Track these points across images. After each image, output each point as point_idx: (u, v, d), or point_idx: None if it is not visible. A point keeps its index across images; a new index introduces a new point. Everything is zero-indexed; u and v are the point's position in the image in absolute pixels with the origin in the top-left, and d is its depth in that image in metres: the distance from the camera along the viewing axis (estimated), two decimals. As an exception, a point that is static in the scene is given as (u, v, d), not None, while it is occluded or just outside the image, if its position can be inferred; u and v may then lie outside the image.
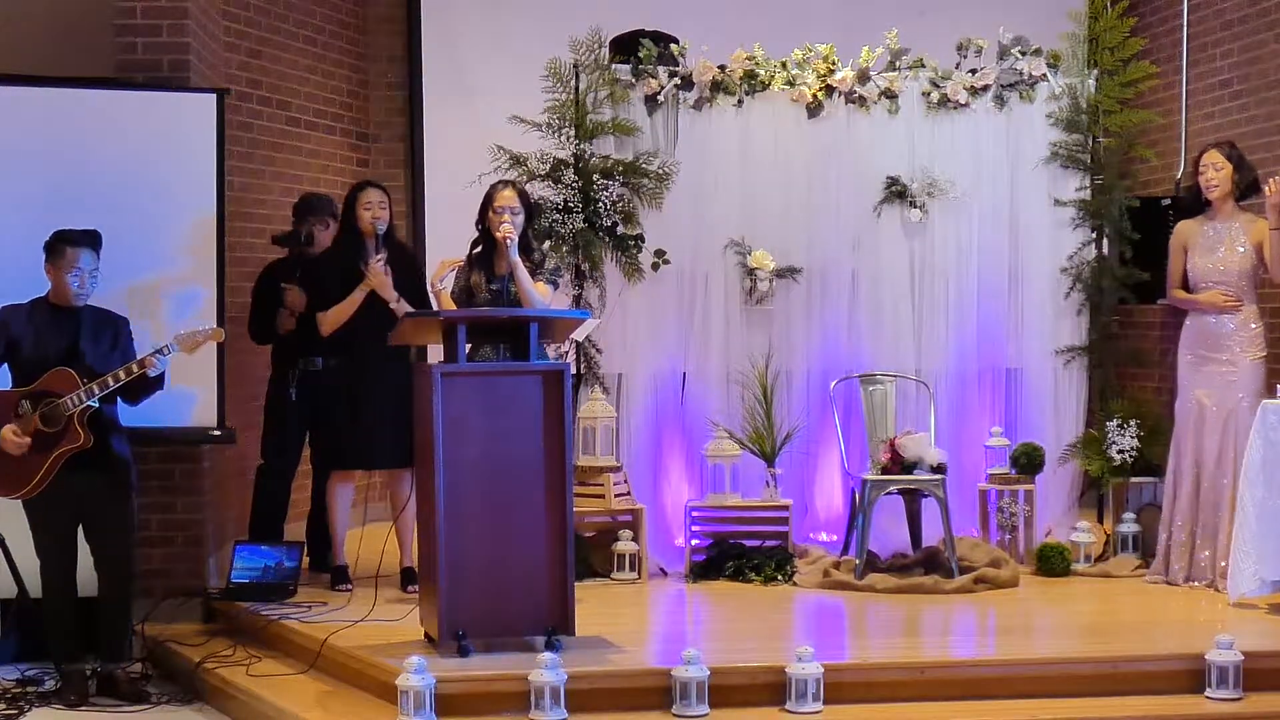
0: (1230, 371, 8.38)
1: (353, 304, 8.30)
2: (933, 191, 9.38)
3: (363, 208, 8.41)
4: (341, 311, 8.32)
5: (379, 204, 8.43)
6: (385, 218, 8.43)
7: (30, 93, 8.51)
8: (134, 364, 7.32)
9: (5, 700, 7.58)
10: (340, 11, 10.96)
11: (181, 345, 7.44)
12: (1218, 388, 8.41)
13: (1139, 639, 7.41)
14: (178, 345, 7.42)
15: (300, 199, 9.19)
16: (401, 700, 6.43)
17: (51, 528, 7.55)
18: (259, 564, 8.51)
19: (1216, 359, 8.43)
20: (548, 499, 7.10)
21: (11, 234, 8.19)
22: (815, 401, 9.42)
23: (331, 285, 8.42)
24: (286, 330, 8.88)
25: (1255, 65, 9.86)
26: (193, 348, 7.54)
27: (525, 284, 7.81)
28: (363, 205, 8.42)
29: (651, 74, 9.24)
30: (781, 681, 6.67)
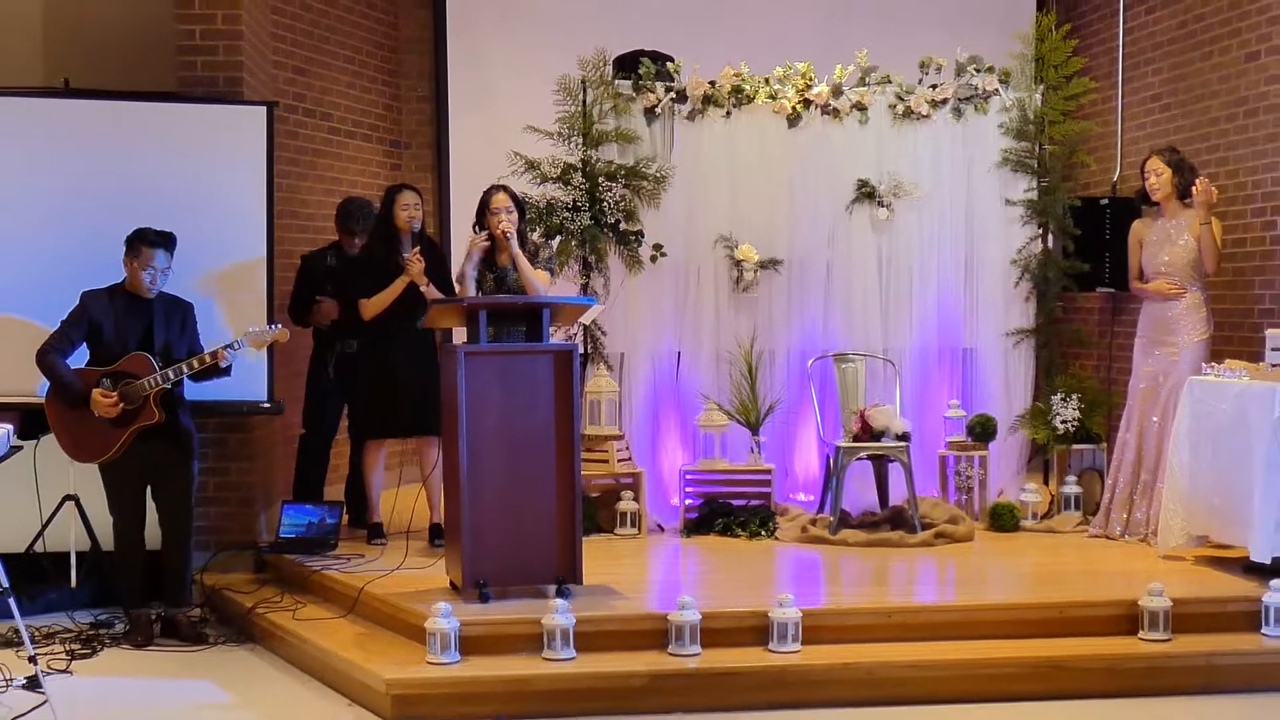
0: (1174, 352, 8.36)
1: (394, 293, 8.27)
2: (898, 192, 9.32)
3: (400, 208, 8.42)
4: (383, 299, 8.29)
5: (414, 205, 8.46)
6: (419, 217, 8.47)
7: (104, 105, 8.47)
8: (207, 355, 7.39)
9: (80, 641, 7.60)
10: (376, 34, 10.88)
11: (250, 342, 7.54)
12: (1164, 367, 8.39)
13: (1080, 587, 7.37)
14: (247, 342, 7.52)
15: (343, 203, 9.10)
16: (430, 641, 6.48)
17: (124, 489, 7.58)
18: (303, 521, 8.51)
19: (1165, 341, 8.41)
20: (558, 464, 7.09)
21: (88, 229, 8.20)
22: (794, 377, 9.38)
23: (371, 276, 8.37)
24: (320, 326, 8.89)
25: (1182, 81, 9.81)
26: (260, 346, 7.68)
27: (527, 272, 7.89)
28: (400, 206, 8.43)
29: (650, 89, 9.22)
30: (764, 625, 6.67)
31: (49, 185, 8.32)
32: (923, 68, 9.42)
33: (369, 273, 8.40)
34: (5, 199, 8.27)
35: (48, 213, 8.31)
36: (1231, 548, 7.65)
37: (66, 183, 8.33)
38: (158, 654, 7.44)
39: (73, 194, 8.32)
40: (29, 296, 8.18)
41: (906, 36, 10.16)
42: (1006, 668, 6.57)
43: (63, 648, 7.43)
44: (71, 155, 8.34)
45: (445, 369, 7.28)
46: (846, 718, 6.26)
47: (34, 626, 7.53)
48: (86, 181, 8.33)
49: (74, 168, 8.34)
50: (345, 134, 10.57)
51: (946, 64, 9.42)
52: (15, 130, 8.29)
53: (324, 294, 8.80)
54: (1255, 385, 7.37)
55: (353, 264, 8.69)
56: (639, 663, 6.48)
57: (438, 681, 6.35)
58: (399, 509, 8.70)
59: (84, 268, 7.85)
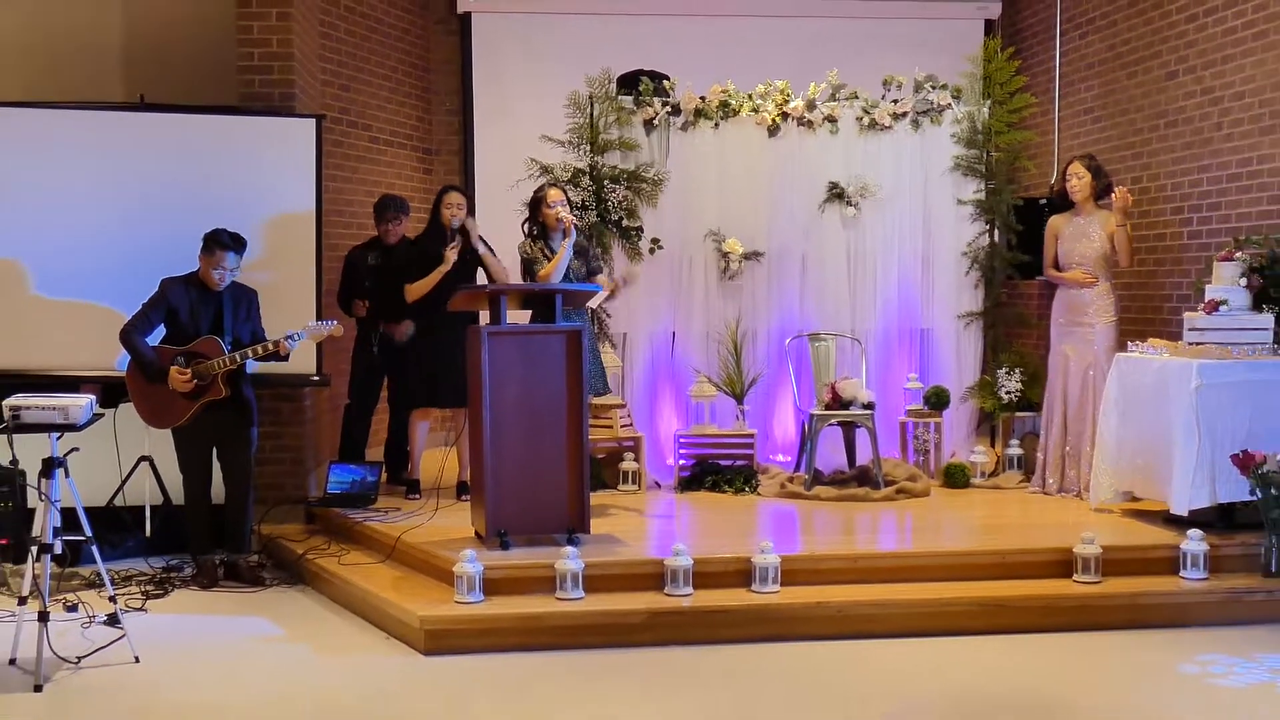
0: (1090, 332, 8.35)
1: (434, 280, 8.23)
2: (864, 193, 9.29)
3: (444, 206, 8.40)
4: (425, 285, 8.26)
5: (456, 205, 8.40)
6: (460, 215, 8.39)
7: (174, 118, 8.44)
8: (270, 343, 7.37)
9: (154, 583, 7.64)
10: (410, 55, 10.82)
11: (309, 334, 7.53)
12: (1080, 344, 8.37)
13: (1022, 536, 7.35)
14: (306, 334, 7.50)
15: (380, 199, 9.05)
16: (457, 583, 6.50)
17: (193, 451, 7.61)
18: (348, 479, 8.48)
19: (1080, 322, 8.40)
20: (569, 429, 7.06)
21: (160, 226, 8.18)
22: (774, 354, 9.35)
23: (417, 264, 8.36)
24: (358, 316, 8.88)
25: (1111, 97, 9.79)
26: (316, 339, 7.72)
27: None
28: (444, 205, 8.41)
29: (648, 103, 9.20)
30: (748, 568, 6.67)
31: (127, 187, 8.28)
32: (885, 85, 9.40)
33: (415, 261, 8.39)
34: (89, 199, 8.25)
35: (125, 211, 8.28)
36: (1154, 502, 7.60)
37: (142, 185, 8.29)
38: (221, 594, 7.44)
39: (147, 195, 8.29)
40: (108, 285, 8.20)
41: (871, 58, 10.09)
42: (957, 606, 6.55)
43: (138, 589, 7.46)
44: (147, 161, 8.30)
45: (470, 347, 7.23)
46: (820, 649, 6.24)
47: (114, 570, 7.53)
48: (159, 184, 8.30)
49: (148, 172, 8.30)
50: (384, 143, 10.51)
51: (906, 82, 9.41)
52: (99, 139, 8.28)
53: (363, 287, 8.75)
54: (1174, 361, 7.36)
55: (400, 253, 8.64)
56: (639, 602, 6.47)
57: (464, 618, 6.33)
58: (429, 468, 8.75)
59: (157, 260, 7.81)
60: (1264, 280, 7.54)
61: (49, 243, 8.18)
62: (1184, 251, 8.77)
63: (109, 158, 8.27)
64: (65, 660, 6.04)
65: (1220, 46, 8.49)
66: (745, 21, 10.90)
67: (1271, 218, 7.94)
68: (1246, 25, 8.23)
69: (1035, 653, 6.19)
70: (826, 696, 5.59)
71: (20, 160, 8.17)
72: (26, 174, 8.17)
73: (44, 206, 8.18)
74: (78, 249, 8.21)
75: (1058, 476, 8.48)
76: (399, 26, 10.67)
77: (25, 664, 5.98)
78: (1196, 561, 6.77)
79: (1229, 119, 8.41)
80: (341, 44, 9.99)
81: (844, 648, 6.25)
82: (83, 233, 8.22)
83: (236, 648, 6.43)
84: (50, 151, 8.20)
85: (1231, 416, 7.12)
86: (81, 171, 8.23)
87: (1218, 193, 8.51)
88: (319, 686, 5.83)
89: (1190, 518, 7.10)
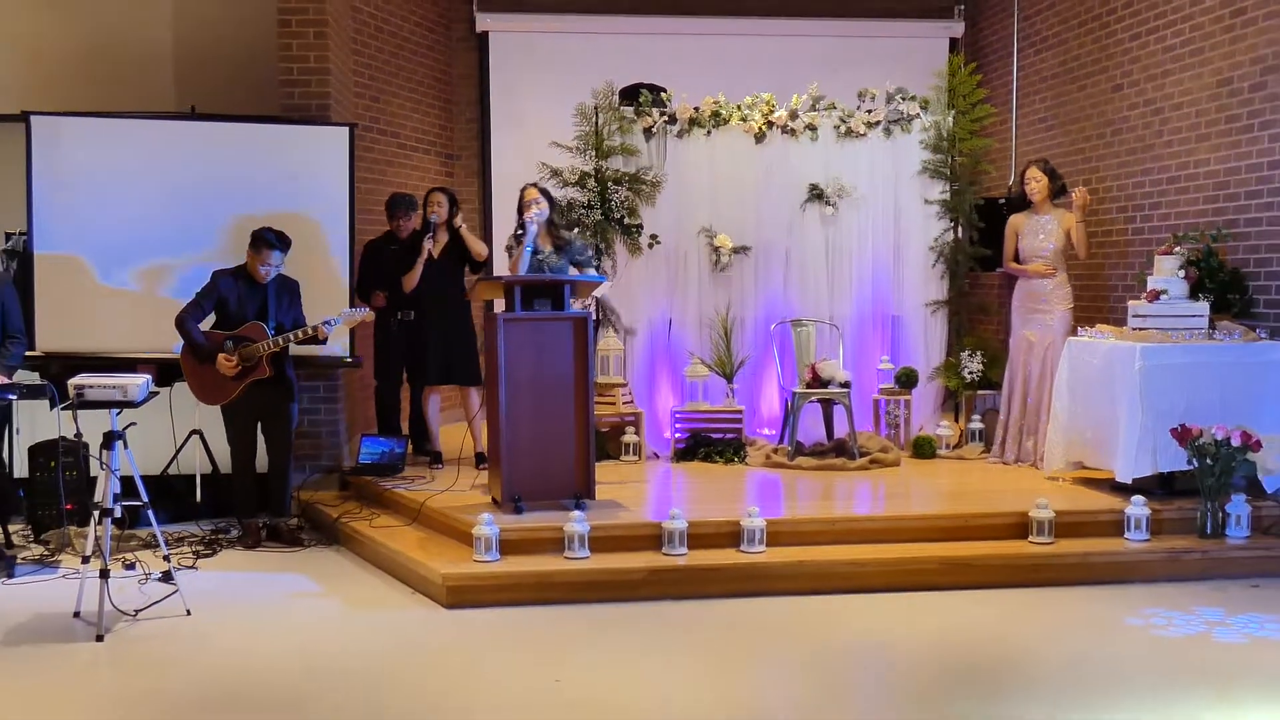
0: (1048, 318, 8.32)
1: (417, 269, 8.37)
2: (841, 194, 9.25)
3: (428, 205, 8.53)
4: (413, 276, 8.40)
5: (437, 203, 8.50)
6: (441, 212, 8.45)
7: (222, 126, 8.44)
8: (310, 329, 7.33)
9: (203, 544, 7.61)
10: (434, 70, 10.77)
11: (344, 320, 7.52)
12: (1039, 330, 8.34)
13: (983, 502, 7.30)
14: (341, 320, 7.49)
15: (390, 197, 8.97)
16: (476, 544, 6.48)
17: (240, 425, 7.57)
18: (377, 450, 8.44)
19: (1040, 310, 8.37)
20: (576, 405, 7.03)
21: (209, 223, 8.25)
22: (760, 338, 9.32)
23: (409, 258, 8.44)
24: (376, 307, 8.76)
25: (1062, 108, 9.74)
26: (350, 325, 7.72)
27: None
28: (429, 203, 8.55)
29: (648, 113, 9.15)
30: (737, 531, 6.66)
31: (180, 189, 8.24)
32: (860, 97, 9.38)
33: (409, 255, 8.43)
34: (147, 200, 8.22)
35: (178, 209, 8.24)
36: (1101, 471, 7.57)
37: (193, 187, 8.26)
38: (264, 554, 7.42)
39: (198, 196, 8.26)
40: (163, 277, 8.20)
41: (848, 72, 10.03)
42: (925, 564, 6.52)
43: (189, 549, 7.45)
44: (197, 165, 8.27)
45: (488, 331, 7.18)
46: (802, 604, 6.20)
47: (167, 532, 7.46)
48: (208, 186, 8.26)
49: (198, 175, 8.27)
50: (410, 148, 10.45)
51: (879, 94, 9.39)
52: (155, 146, 8.25)
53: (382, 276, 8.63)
54: (1120, 344, 7.35)
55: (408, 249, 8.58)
56: (639, 561, 6.44)
57: (482, 575, 6.30)
58: (451, 441, 8.73)
59: (207, 254, 7.88)
60: (1199, 273, 7.56)
61: (110, 238, 8.16)
62: (1128, 247, 8.75)
63: (164, 162, 8.24)
64: (124, 613, 6.03)
65: (1160, 62, 8.46)
66: (735, 40, 10.87)
67: (1206, 216, 7.93)
68: (1184, 43, 8.21)
69: (995, 606, 6.16)
70: (808, 645, 5.56)
71: (85, 164, 8.14)
72: (91, 177, 8.14)
73: (106, 206, 8.16)
74: (136, 244, 8.19)
75: (1016, 448, 8.47)
76: (424, 44, 10.61)
77: (88, 616, 5.97)
78: (1139, 524, 6.75)
79: (1168, 127, 8.38)
80: (372, 60, 9.93)
81: (824, 602, 6.22)
82: (140, 229, 8.19)
83: (278, 602, 6.40)
84: (112, 157, 8.18)
85: (1171, 394, 7.11)
86: (140, 174, 8.20)
87: (1158, 194, 8.48)
88: (352, 637, 5.80)
89: (1134, 485, 7.12)
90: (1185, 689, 4.96)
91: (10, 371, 7.16)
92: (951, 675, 5.15)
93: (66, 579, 6.71)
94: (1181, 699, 4.85)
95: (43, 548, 7.44)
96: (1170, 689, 4.96)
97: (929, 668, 5.25)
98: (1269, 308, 7.42)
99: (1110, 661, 5.31)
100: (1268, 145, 7.44)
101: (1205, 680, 5.06)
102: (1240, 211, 7.67)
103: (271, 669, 5.31)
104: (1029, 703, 4.81)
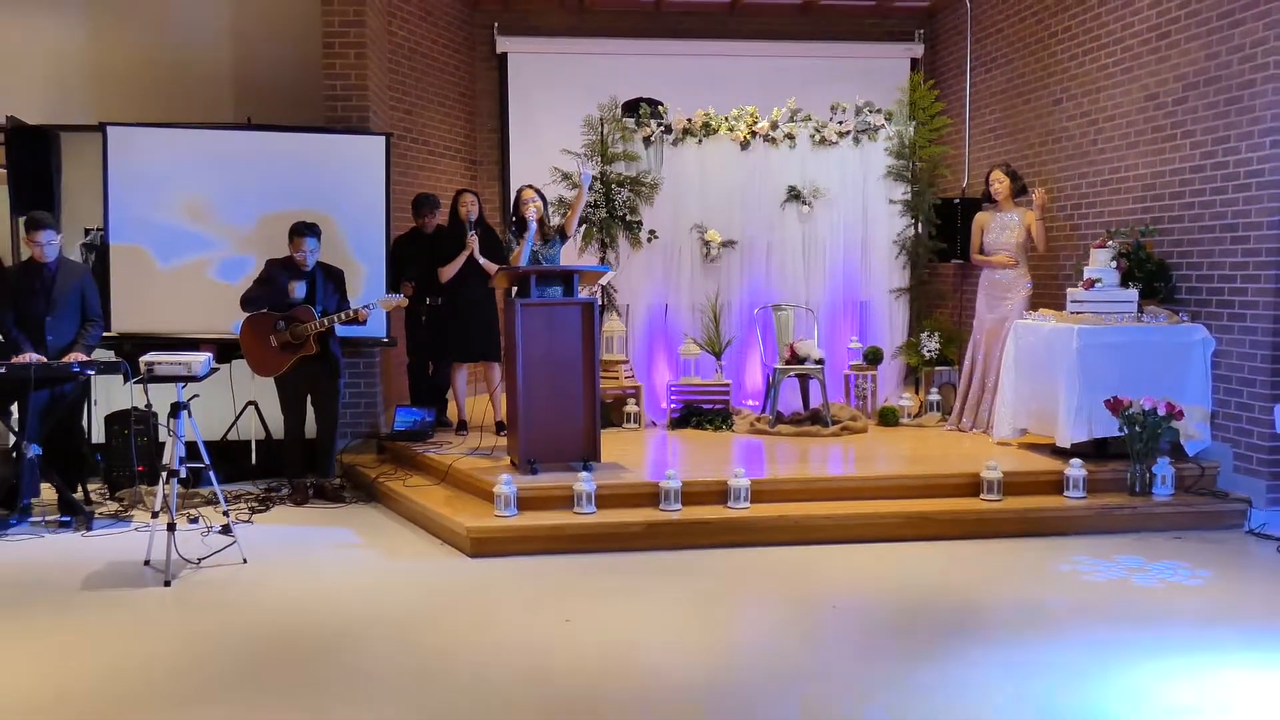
0: (1008, 304, 8.26)
1: (458, 262, 8.20)
2: (816, 195, 9.22)
3: (461, 205, 8.35)
4: (452, 267, 8.23)
5: (469, 202, 8.35)
6: (474, 210, 8.32)
7: (275, 135, 8.35)
8: (351, 311, 7.26)
9: (257, 501, 7.59)
10: (459, 86, 10.64)
11: (381, 305, 7.45)
12: (1004, 314, 8.25)
13: (940, 464, 7.25)
14: (379, 305, 7.43)
15: (415, 197, 8.80)
16: (496, 501, 6.46)
17: (290, 395, 7.51)
18: (410, 419, 8.37)
19: (1003, 297, 8.31)
20: (584, 379, 6.98)
21: (263, 220, 8.15)
22: (745, 321, 9.28)
23: (445, 250, 8.30)
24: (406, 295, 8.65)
25: (1011, 119, 9.64)
26: (388, 308, 7.61)
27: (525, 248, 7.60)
28: (461, 203, 8.36)
29: (646, 124, 9.13)
30: (725, 489, 6.62)
31: (237, 189, 8.18)
32: (832, 110, 9.34)
33: (444, 248, 8.31)
34: (209, 200, 8.16)
35: (236, 210, 8.18)
36: (1044, 437, 7.54)
37: (249, 188, 8.19)
38: (311, 510, 7.38)
39: (253, 196, 8.19)
40: (221, 267, 8.14)
41: (822, 88, 9.88)
42: (889, 519, 6.48)
43: (246, 505, 7.41)
44: (252, 169, 8.20)
45: (507, 315, 7.14)
46: (782, 553, 6.17)
47: (226, 491, 7.49)
48: (262, 187, 8.19)
49: (253, 177, 8.19)
50: (438, 154, 10.34)
51: (849, 107, 9.34)
52: (216, 153, 8.18)
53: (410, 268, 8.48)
54: (1060, 326, 7.31)
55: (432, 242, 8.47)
56: (639, 516, 6.40)
57: (502, 529, 6.26)
58: (473, 412, 8.70)
59: (260, 247, 7.81)
60: (1129, 264, 7.51)
61: (176, 234, 8.10)
62: (1068, 241, 8.68)
63: (223, 166, 8.17)
64: (188, 561, 6.01)
65: (1095, 79, 8.38)
66: (723, 60, 10.79)
67: (1135, 214, 7.86)
68: (1116, 63, 8.12)
69: (949, 555, 6.12)
70: (787, 589, 5.52)
71: (155, 169, 8.08)
72: (159, 179, 8.08)
73: (173, 204, 8.10)
74: (198, 237, 8.13)
75: (970, 417, 8.43)
76: (451, 64, 10.51)
77: (157, 564, 5.94)
78: (1077, 484, 6.72)
79: (1102, 136, 8.30)
80: (406, 77, 9.83)
81: (800, 552, 6.18)
82: (202, 224, 8.13)
83: (323, 552, 6.36)
84: (178, 162, 8.12)
85: (1104, 370, 7.08)
86: (202, 176, 8.13)
87: (1094, 195, 8.41)
88: (389, 582, 5.76)
89: (1072, 449, 7.10)
90: (1103, 625, 4.93)
91: (89, 350, 7.13)
92: (910, 614, 5.12)
93: (138, 532, 6.68)
94: (1098, 632, 4.82)
95: (117, 504, 7.41)
96: (1089, 624, 4.94)
97: (891, 607, 5.21)
98: (1190, 294, 7.36)
99: (1040, 601, 5.28)
100: (1189, 152, 7.37)
101: (1122, 617, 5.03)
102: (1165, 210, 7.61)
103: (319, 610, 5.28)
104: (975, 637, 4.78)
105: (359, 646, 4.79)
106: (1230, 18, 7.00)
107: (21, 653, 4.74)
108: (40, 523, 6.91)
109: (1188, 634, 4.85)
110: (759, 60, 10.78)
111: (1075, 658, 4.55)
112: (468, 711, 4.09)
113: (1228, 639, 4.79)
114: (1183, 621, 5.02)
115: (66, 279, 7.16)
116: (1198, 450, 7.09)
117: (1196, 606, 5.24)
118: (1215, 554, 6.10)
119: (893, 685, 4.28)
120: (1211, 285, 7.18)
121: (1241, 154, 6.91)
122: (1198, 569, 5.82)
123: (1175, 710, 4.04)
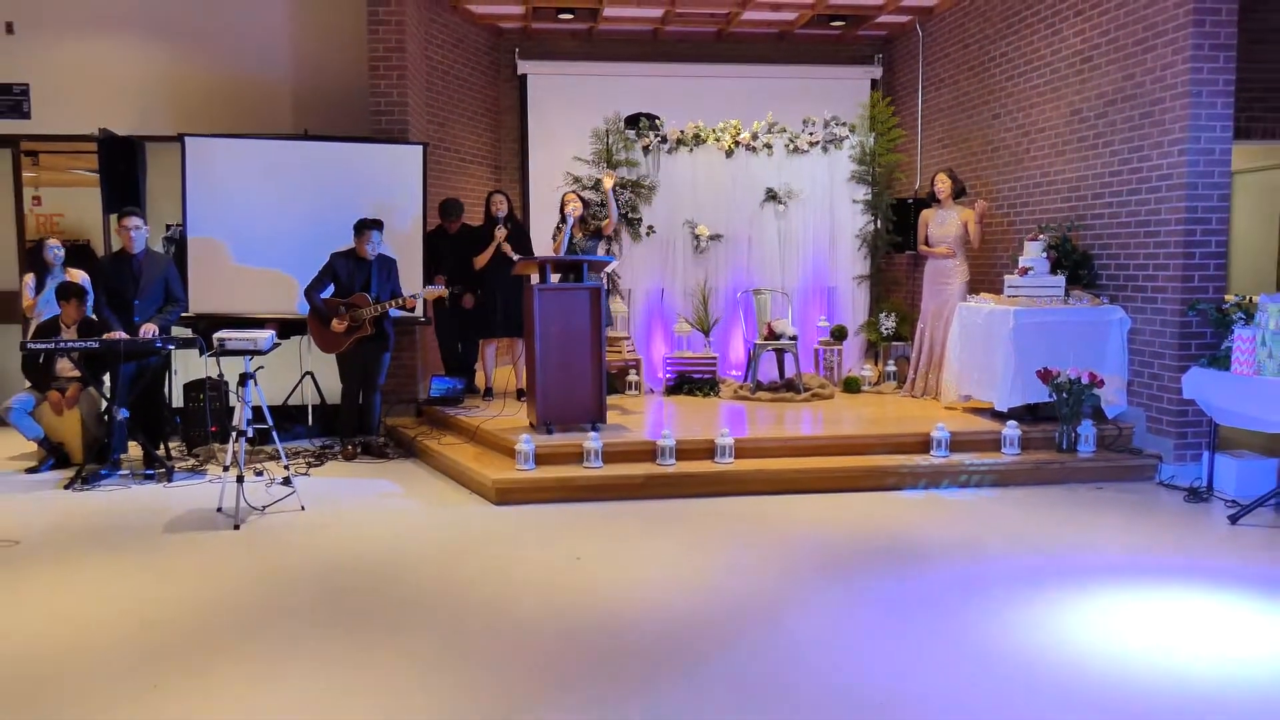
0: (949, 290, 8.17)
1: (490, 251, 8.14)
2: (790, 196, 9.09)
3: (493, 204, 8.27)
4: (485, 256, 8.16)
5: (499, 202, 8.25)
6: (504, 208, 8.22)
7: (329, 145, 8.23)
8: (403, 299, 7.21)
9: (314, 457, 7.50)
10: (486, 101, 10.50)
11: (425, 293, 7.52)
12: (944, 299, 8.17)
13: (896, 425, 7.17)
14: (424, 293, 7.52)
15: (443, 202, 8.67)
16: (517, 456, 6.40)
17: (349, 369, 7.41)
18: (444, 387, 8.27)
19: (944, 284, 8.21)
20: (592, 353, 6.89)
21: (319, 219, 8.04)
22: (730, 303, 9.17)
23: (478, 244, 8.22)
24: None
25: (957, 131, 9.51)
26: (431, 297, 7.67)
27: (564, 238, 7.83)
28: (493, 203, 8.28)
29: (646, 135, 8.99)
30: (712, 447, 6.55)
31: (296, 190, 8.06)
32: (804, 123, 9.20)
33: (476, 242, 8.23)
34: (271, 199, 8.04)
35: (294, 207, 8.07)
36: (984, 403, 7.46)
37: (306, 189, 8.08)
38: (360, 465, 7.29)
39: (309, 196, 8.08)
40: (284, 257, 8.02)
41: (795, 104, 9.77)
42: (853, 472, 6.41)
43: (303, 460, 7.33)
44: (308, 174, 8.08)
45: (526, 298, 7.07)
46: (761, 501, 6.10)
47: (287, 448, 7.44)
48: (317, 189, 8.08)
49: (310, 181, 8.08)
50: (468, 161, 10.22)
51: (818, 121, 9.20)
52: (276, 162, 8.06)
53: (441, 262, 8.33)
54: (998, 308, 7.22)
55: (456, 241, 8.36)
56: (639, 469, 6.32)
57: (522, 480, 6.19)
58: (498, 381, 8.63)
59: (320, 242, 7.70)
60: (1058, 254, 7.41)
61: (244, 229, 7.98)
62: (1004, 237, 8.59)
63: (283, 170, 8.05)
64: (254, 508, 5.94)
65: (1028, 97, 8.26)
66: (711, 80, 10.66)
67: (1063, 212, 7.76)
68: (1046, 83, 8.00)
69: (903, 503, 6.05)
70: (766, 531, 5.46)
71: (223, 175, 7.96)
72: (228, 184, 7.97)
73: (241, 205, 7.98)
74: (263, 233, 8.01)
75: (921, 385, 8.34)
76: (479, 83, 10.38)
77: (228, 511, 5.88)
78: (1013, 442, 6.64)
79: (1035, 146, 8.19)
80: (440, 95, 9.70)
81: (777, 500, 6.12)
82: (267, 222, 8.02)
83: (370, 500, 6.28)
84: (244, 168, 7.99)
85: (1036, 345, 6.99)
86: (266, 181, 8.02)
87: (1027, 195, 8.31)
88: (426, 525, 5.68)
89: (1009, 413, 7.03)
90: (1032, 556, 4.87)
91: (166, 325, 7.05)
92: (868, 552, 5.05)
93: (211, 483, 6.61)
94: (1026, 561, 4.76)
95: (194, 460, 7.33)
96: (1018, 555, 4.87)
97: (852, 545, 5.15)
98: (1109, 280, 7.28)
99: (974, 537, 5.22)
100: (1108, 159, 7.27)
101: (1041, 552, 4.97)
102: (1088, 209, 7.51)
103: (367, 549, 5.21)
104: (924, 570, 4.71)
105: (400, 578, 4.73)
106: (1144, 44, 6.89)
107: (114, 587, 4.68)
108: (128, 475, 6.84)
109: (1109, 567, 4.79)
110: (742, 80, 10.66)
111: (1004, 579, 4.49)
112: (494, 634, 4.03)
113: (1145, 570, 4.73)
114: (1106, 557, 4.95)
115: (152, 267, 7.07)
116: (1116, 413, 7.02)
117: (1118, 545, 5.18)
118: (1131, 501, 6.04)
119: (851, 600, 4.22)
120: (1128, 273, 7.10)
121: (1153, 161, 6.82)
122: (1115, 519, 5.75)
123: (1089, 619, 3.98)
